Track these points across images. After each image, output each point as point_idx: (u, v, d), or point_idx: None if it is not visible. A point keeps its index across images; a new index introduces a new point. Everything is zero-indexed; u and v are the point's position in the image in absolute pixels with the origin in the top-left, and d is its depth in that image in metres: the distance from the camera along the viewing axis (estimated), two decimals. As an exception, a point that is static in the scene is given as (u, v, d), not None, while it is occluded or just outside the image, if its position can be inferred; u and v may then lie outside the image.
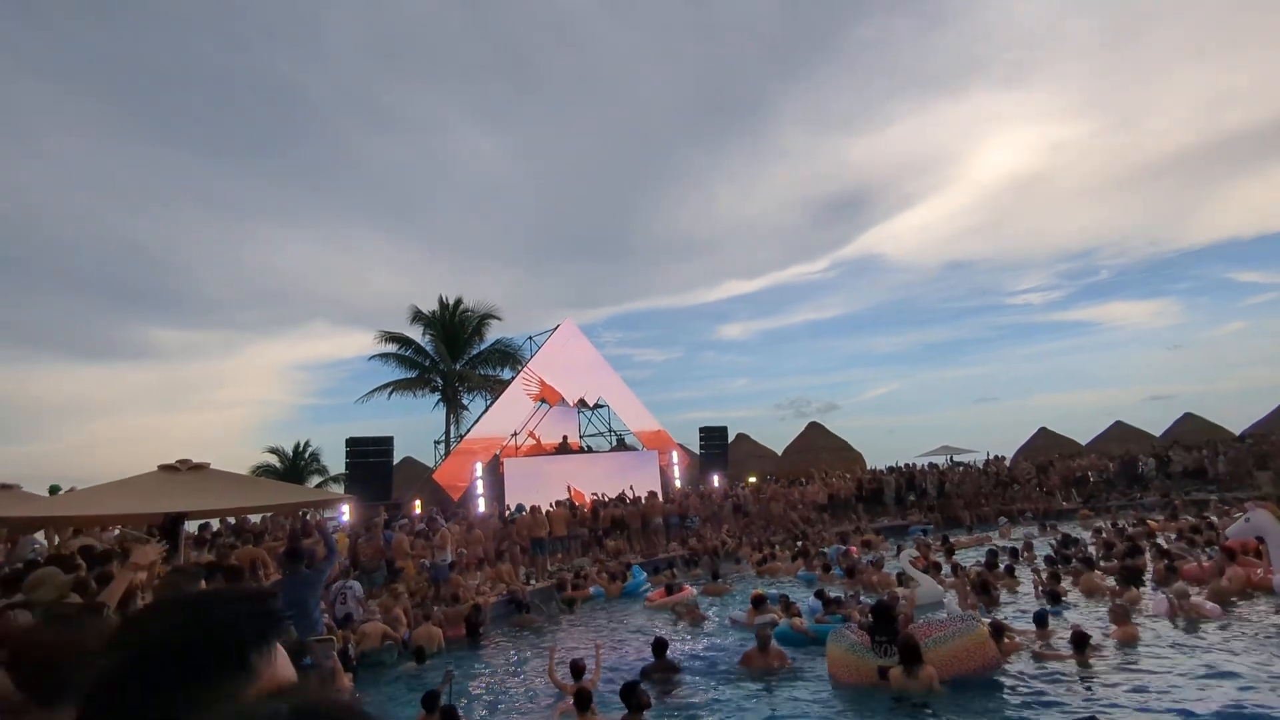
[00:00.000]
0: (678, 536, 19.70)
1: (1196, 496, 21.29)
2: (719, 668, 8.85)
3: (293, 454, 32.62)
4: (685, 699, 7.86)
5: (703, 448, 27.93)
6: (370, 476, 19.96)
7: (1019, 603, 11.21)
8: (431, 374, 27.74)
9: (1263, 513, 10.26)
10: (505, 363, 28.81)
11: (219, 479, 6.81)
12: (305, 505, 13.82)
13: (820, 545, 17.99)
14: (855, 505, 23.46)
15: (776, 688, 8.03)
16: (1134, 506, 21.09)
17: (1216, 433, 30.70)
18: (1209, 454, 24.12)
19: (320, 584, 7.43)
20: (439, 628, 11.02)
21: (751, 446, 34.73)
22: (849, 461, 31.94)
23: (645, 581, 15.36)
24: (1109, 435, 33.52)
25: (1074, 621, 9.01)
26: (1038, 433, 35.26)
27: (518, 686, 8.99)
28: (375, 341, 27.20)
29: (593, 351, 26.22)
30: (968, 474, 25.46)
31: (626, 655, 9.85)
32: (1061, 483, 24.50)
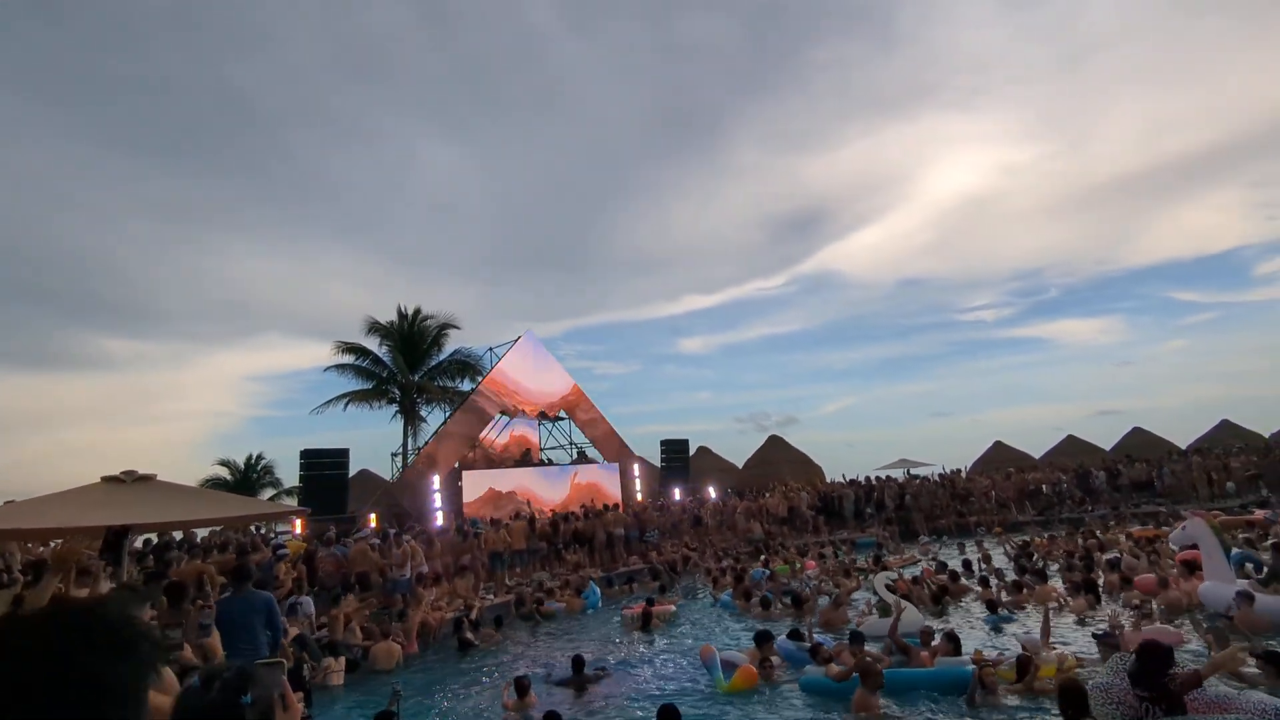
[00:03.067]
0: (637, 550, 19.59)
1: (1145, 509, 21.90)
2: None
3: (244, 466, 31.63)
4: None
5: (664, 460, 27.91)
6: (325, 489, 19.50)
7: (969, 611, 11.44)
8: (389, 385, 27.17)
9: (1198, 521, 10.55)
10: (464, 374, 28.39)
11: (166, 491, 6.52)
12: (257, 518, 13.40)
13: (784, 558, 17.92)
14: (815, 518, 23.58)
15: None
16: (1084, 519, 21.56)
17: (1164, 447, 31.74)
18: (1155, 467, 24.86)
19: (263, 610, 6.94)
20: (398, 644, 10.74)
21: (713, 459, 34.81)
22: (809, 474, 32.22)
23: (600, 597, 15.19)
24: (1061, 449, 34.42)
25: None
26: (992, 446, 36.05)
27: (465, 703, 8.78)
28: (331, 352, 26.54)
29: (554, 363, 26.06)
30: (924, 486, 25.85)
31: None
32: (1016, 495, 24.99)
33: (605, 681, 9.09)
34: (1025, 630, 9.51)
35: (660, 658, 10.30)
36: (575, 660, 9.21)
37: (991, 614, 10.67)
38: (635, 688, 8.98)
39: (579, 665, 9.12)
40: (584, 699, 8.59)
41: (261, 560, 11.37)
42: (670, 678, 9.22)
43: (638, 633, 11.90)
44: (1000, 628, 10.28)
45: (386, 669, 10.25)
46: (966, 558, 15.30)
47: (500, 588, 15.73)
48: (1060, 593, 11.23)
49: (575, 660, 9.21)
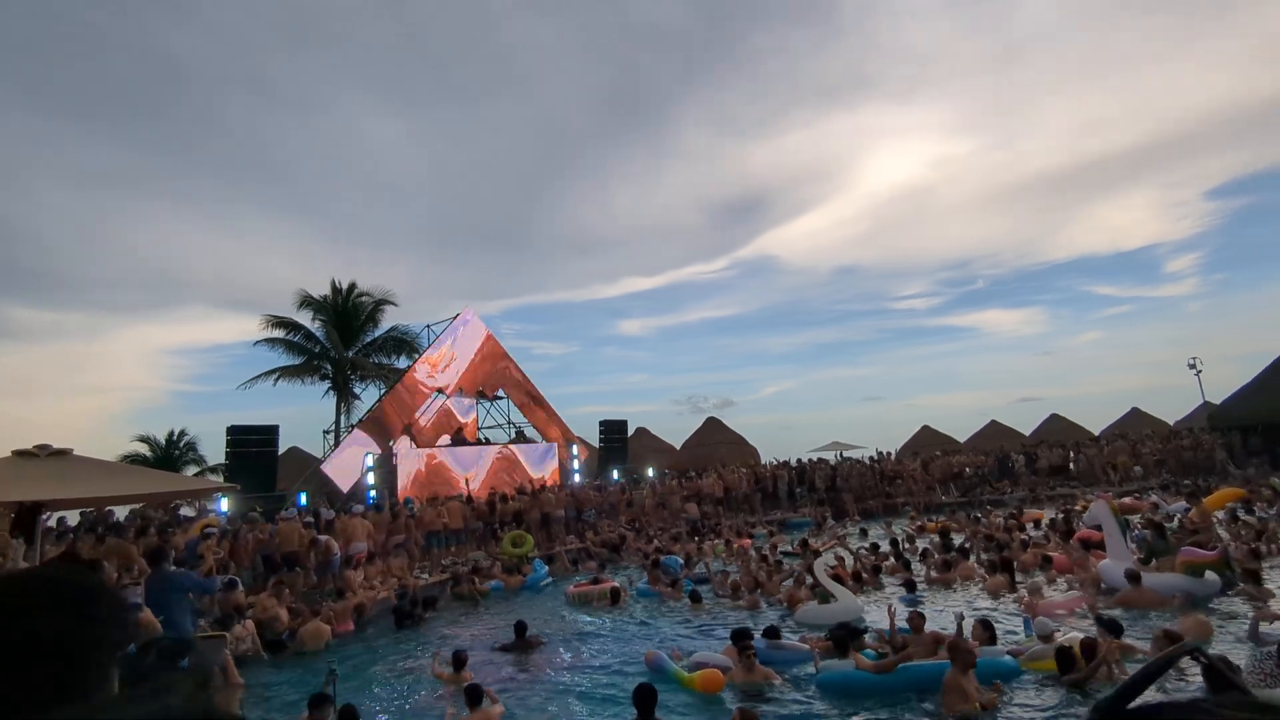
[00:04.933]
0: (575, 530, 19.65)
1: (1060, 491, 23.06)
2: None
3: (165, 443, 30.40)
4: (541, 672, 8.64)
5: (603, 441, 27.99)
6: (253, 467, 18.94)
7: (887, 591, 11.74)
8: (321, 361, 26.45)
9: (1100, 504, 11.21)
10: (401, 351, 27.84)
11: (83, 466, 6.22)
12: (179, 495, 12.93)
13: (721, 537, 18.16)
14: (751, 498, 24.04)
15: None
16: (1004, 501, 22.58)
17: (1078, 433, 33.49)
18: (1071, 452, 26.19)
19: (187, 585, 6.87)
20: (327, 624, 10.55)
21: (651, 440, 35.12)
22: (745, 456, 32.80)
23: (546, 575, 15.20)
24: (985, 433, 35.97)
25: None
26: (920, 430, 37.41)
27: (402, 683, 8.72)
28: (261, 326, 25.66)
29: (494, 342, 25.77)
30: (854, 469, 26.62)
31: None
32: (942, 478, 25.98)
33: (545, 649, 9.57)
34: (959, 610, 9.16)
35: (602, 634, 10.43)
36: (518, 625, 9.72)
37: (909, 593, 10.99)
38: (577, 657, 9.19)
39: (521, 630, 9.61)
40: (526, 664, 8.98)
41: (188, 539, 11.02)
42: (608, 653, 9.35)
43: (604, 609, 11.95)
44: (918, 605, 10.57)
45: (315, 650, 10.05)
46: (893, 536, 15.87)
47: (435, 567, 15.59)
48: (980, 572, 11.76)
49: (518, 625, 9.72)
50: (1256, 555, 10.85)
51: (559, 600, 13.23)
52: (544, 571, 15.30)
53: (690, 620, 10.71)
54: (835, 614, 9.63)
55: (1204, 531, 11.82)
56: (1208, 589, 9.45)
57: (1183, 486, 20.45)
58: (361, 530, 14.41)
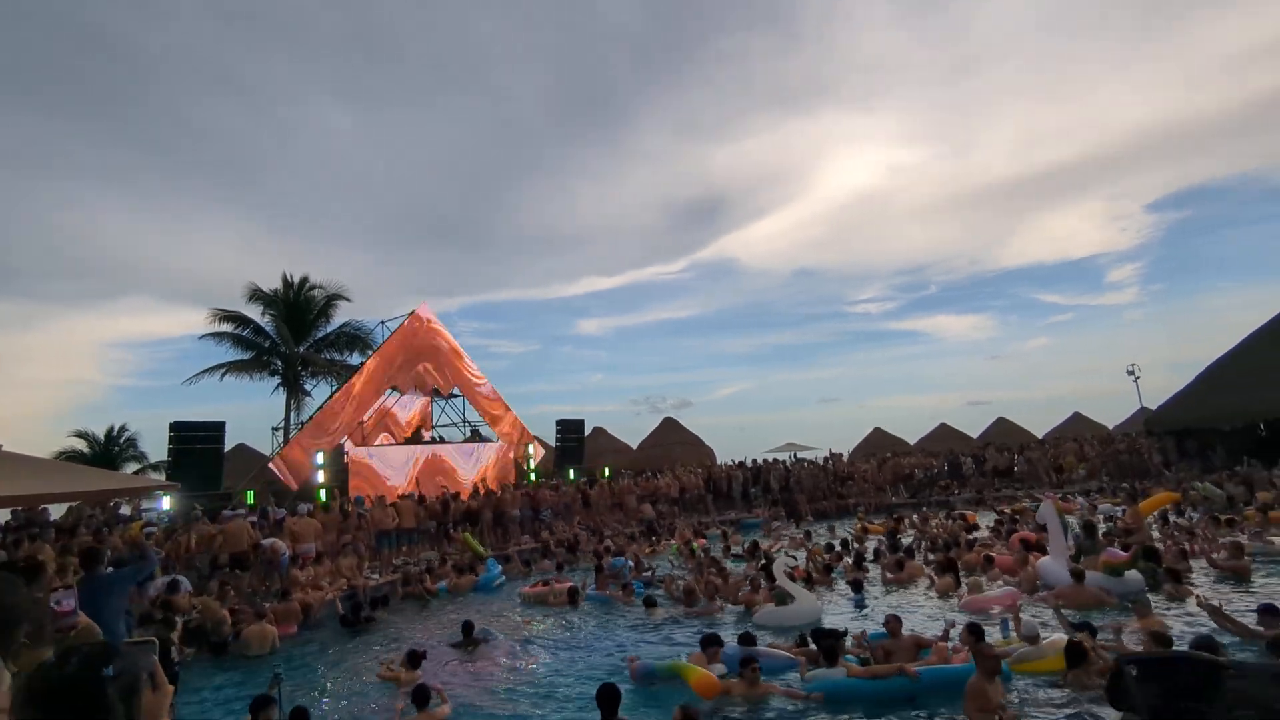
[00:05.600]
0: (530, 529, 19.55)
1: (1005, 493, 23.71)
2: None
3: (104, 439, 29.37)
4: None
5: (559, 440, 27.89)
6: (197, 464, 18.38)
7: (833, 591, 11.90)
8: (271, 356, 25.84)
9: (1046, 504, 11.57)
10: (354, 347, 27.38)
11: (14, 463, 5.98)
12: (117, 494, 12.51)
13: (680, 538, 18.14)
14: (705, 498, 24.19)
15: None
16: (952, 502, 23.12)
17: (1024, 436, 34.47)
18: (1016, 455, 26.94)
19: (124, 587, 6.67)
20: (272, 626, 10.32)
21: (608, 440, 35.12)
22: (701, 456, 33.02)
23: (499, 575, 15.08)
24: (934, 436, 36.79)
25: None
26: (872, 432, 38.12)
27: (349, 686, 8.58)
28: (207, 320, 24.95)
29: (449, 339, 25.46)
30: (807, 470, 26.99)
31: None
32: (892, 479, 26.49)
33: (492, 645, 9.66)
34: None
35: (555, 635, 10.40)
36: (465, 625, 9.90)
37: (856, 593, 11.18)
38: (528, 658, 9.17)
39: (468, 630, 9.79)
40: (474, 661, 9.13)
41: (127, 539, 10.66)
42: (563, 654, 9.33)
43: (560, 608, 11.87)
44: (865, 605, 10.78)
45: (260, 653, 9.83)
46: (840, 538, 16.16)
47: (386, 567, 15.35)
48: (928, 572, 12.04)
49: (465, 625, 9.90)
50: (1185, 556, 11.32)
51: (513, 601, 13.15)
52: (497, 571, 15.17)
53: (645, 624, 10.50)
54: (794, 616, 9.54)
55: (1137, 533, 12.27)
56: (1129, 587, 9.82)
57: (1119, 489, 21.19)
58: (311, 531, 14.15)
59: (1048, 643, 7.14)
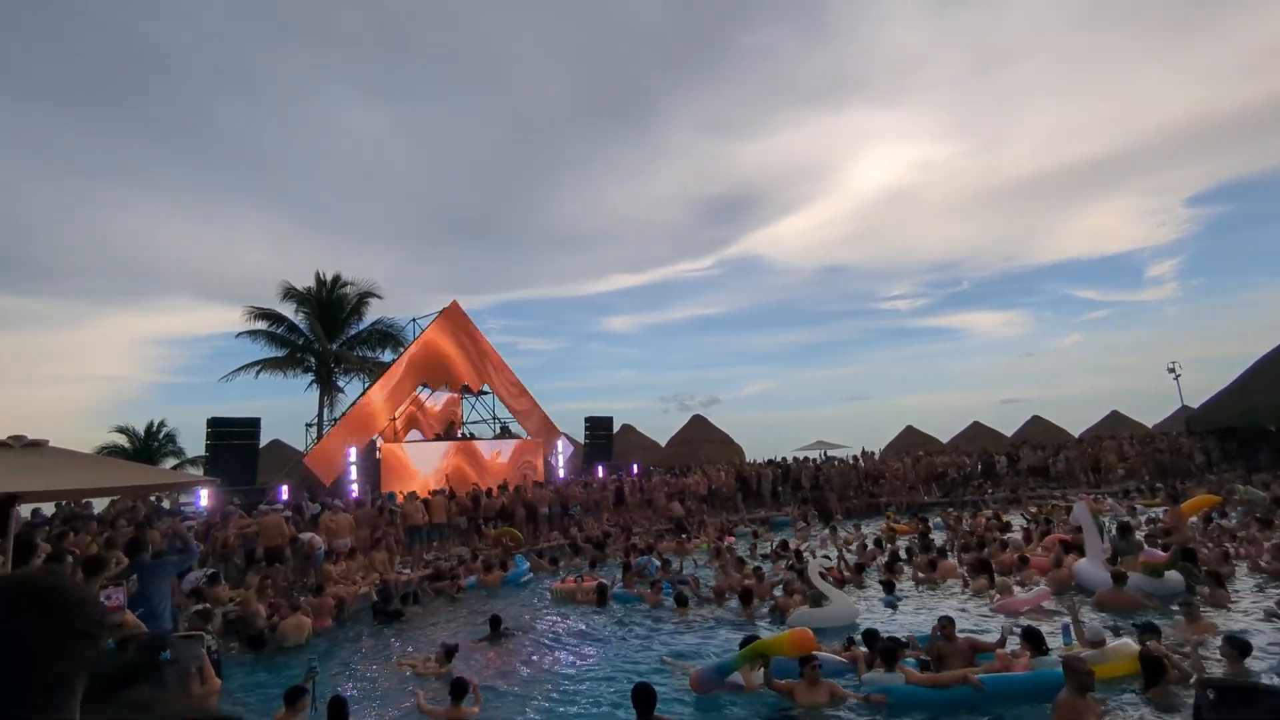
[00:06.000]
0: (560, 526, 19.61)
1: (1040, 492, 23.28)
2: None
3: (144, 434, 30.02)
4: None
5: (588, 438, 27.95)
6: (233, 459, 18.76)
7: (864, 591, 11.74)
8: (304, 353, 26.23)
9: (1081, 505, 11.35)
10: (385, 344, 27.67)
11: (59, 457, 6.12)
12: (157, 488, 12.78)
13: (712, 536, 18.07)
14: (735, 497, 24.06)
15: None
16: (985, 501, 22.76)
17: (1059, 434, 33.81)
18: (1051, 454, 26.43)
19: (166, 576, 6.91)
20: (307, 619, 10.48)
21: (636, 438, 35.12)
22: (730, 454, 32.88)
23: (528, 570, 15.13)
24: (967, 434, 36.22)
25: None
26: (904, 430, 37.64)
27: (382, 679, 8.70)
28: (243, 318, 25.39)
29: (479, 336, 25.61)
30: (838, 468, 26.74)
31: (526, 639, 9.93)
32: (925, 478, 26.15)
33: (518, 640, 9.85)
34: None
35: (585, 633, 10.42)
36: (492, 619, 10.06)
37: (888, 593, 11.03)
38: (556, 656, 9.18)
39: (495, 623, 9.96)
40: (501, 655, 9.28)
41: (168, 530, 10.91)
42: (592, 652, 9.34)
43: (590, 606, 11.84)
44: (896, 607, 10.65)
45: (296, 644, 9.99)
46: (877, 536, 15.97)
47: (418, 562, 15.50)
48: (962, 573, 11.86)
49: (492, 619, 10.06)
50: (1228, 558, 11.03)
51: (541, 597, 13.21)
52: (525, 567, 15.24)
53: (676, 625, 10.35)
54: (830, 617, 9.33)
55: (1177, 534, 11.98)
56: (1169, 589, 9.58)
57: (1159, 489, 20.70)
58: (346, 526, 14.35)
59: (1112, 647, 6.84)
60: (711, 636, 9.59)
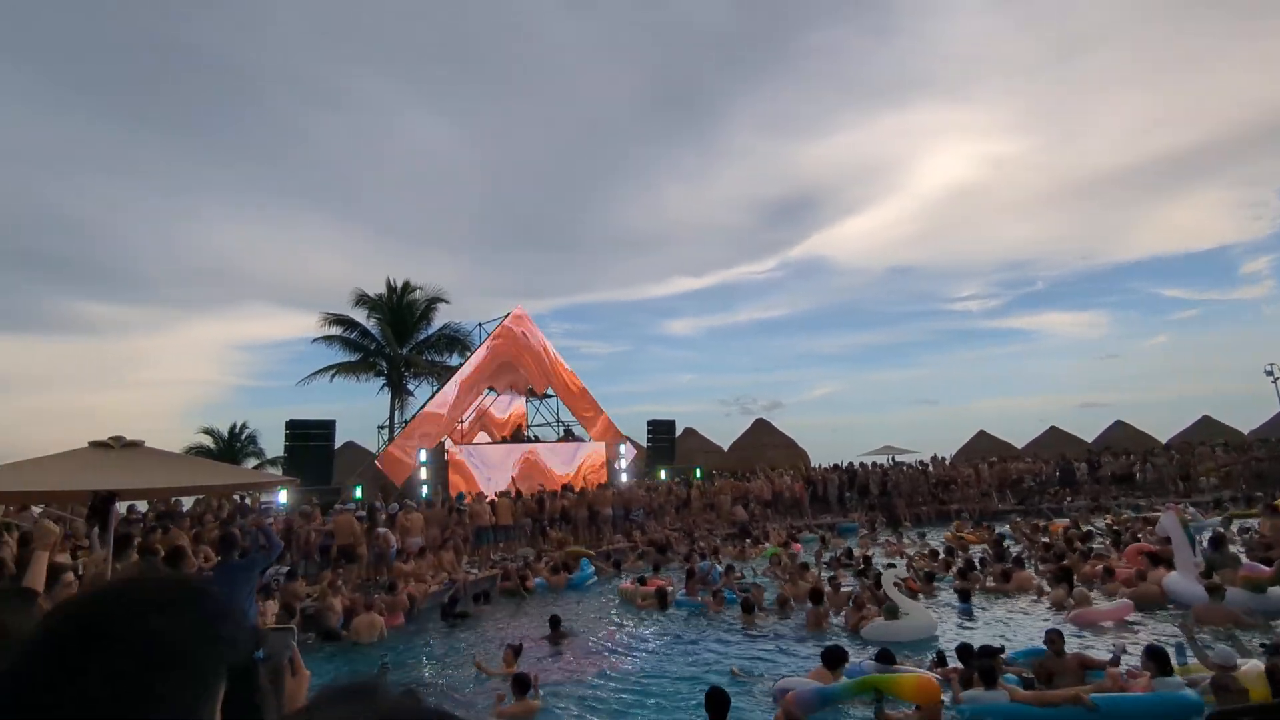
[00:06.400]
0: (622, 529, 19.70)
1: (1124, 502, 22.20)
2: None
3: (228, 435, 31.52)
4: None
5: (650, 441, 27.99)
6: (310, 460, 19.46)
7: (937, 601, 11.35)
8: (376, 358, 27.11)
9: (1170, 515, 10.77)
10: (453, 348, 28.35)
11: (153, 457, 6.48)
12: (242, 487, 13.37)
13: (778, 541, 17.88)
14: (800, 502, 23.71)
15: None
16: (1064, 510, 21.84)
17: (1145, 441, 32.17)
18: (1137, 461, 25.17)
19: (254, 573, 7.19)
20: (380, 616, 10.79)
21: (699, 441, 34.95)
22: (794, 458, 32.43)
23: (593, 574, 15.23)
24: (1044, 440, 34.77)
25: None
26: (976, 435, 36.37)
27: (451, 674, 8.91)
28: (318, 324, 26.44)
29: (543, 340, 25.99)
30: (907, 474, 26.07)
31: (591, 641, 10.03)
32: (999, 484, 25.26)
33: (579, 640, 10.01)
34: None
35: (646, 638, 10.43)
36: (552, 619, 10.27)
37: (964, 603, 10.63)
38: (612, 660, 9.22)
39: (555, 623, 10.17)
40: (561, 655, 9.46)
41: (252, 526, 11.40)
42: (651, 656, 9.35)
43: (642, 610, 11.90)
44: (973, 616, 10.30)
45: (369, 641, 10.30)
46: (950, 546, 15.49)
47: (485, 562, 15.80)
48: (1039, 582, 11.41)
49: (552, 619, 10.27)
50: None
51: (606, 599, 13.30)
52: (590, 570, 15.35)
53: (743, 633, 10.12)
54: (906, 630, 9.00)
55: (1277, 547, 11.27)
56: (1274, 605, 9.00)
57: (1257, 499, 19.49)
58: (419, 525, 14.74)
59: (1240, 671, 6.12)
60: (784, 648, 9.32)
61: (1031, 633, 9.15)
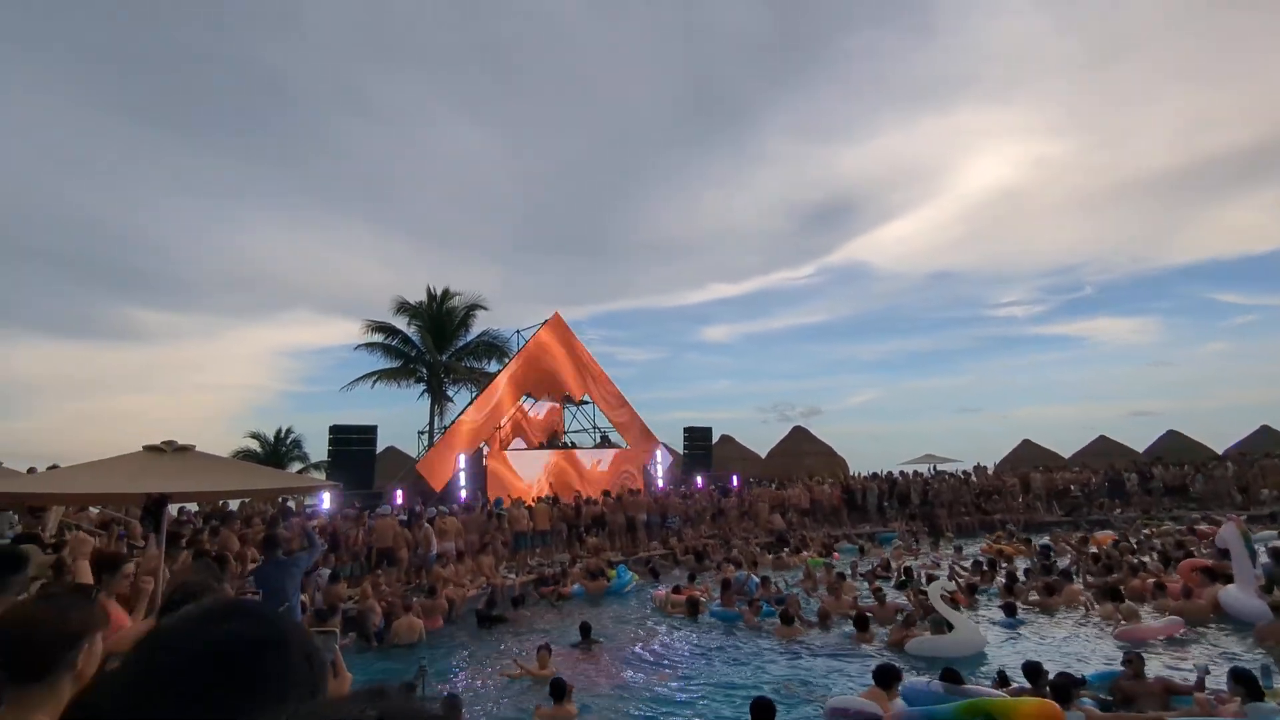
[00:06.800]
0: (658, 536, 19.67)
1: (1178, 514, 21.49)
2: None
3: (274, 440, 32.31)
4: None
5: (687, 448, 27.93)
6: (352, 465, 19.84)
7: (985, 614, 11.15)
8: (417, 365, 27.56)
9: (1230, 527, 10.41)
10: (491, 355, 28.67)
11: (203, 461, 6.70)
12: (287, 491, 13.70)
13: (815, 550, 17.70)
14: (839, 511, 23.42)
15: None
16: (1112, 521, 21.23)
17: (1199, 451, 31.11)
18: (1190, 472, 24.36)
19: (299, 572, 7.40)
20: (419, 619, 10.95)
21: (735, 448, 34.81)
22: (833, 466, 32.09)
23: (630, 580, 15.22)
24: (1092, 449, 33.88)
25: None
26: (1021, 444, 35.59)
27: (487, 680, 8.98)
28: (361, 331, 27.01)
29: (580, 346, 26.10)
30: (948, 483, 25.58)
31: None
32: (1045, 495, 24.65)
33: (609, 647, 10.14)
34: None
35: (678, 646, 10.42)
36: (583, 625, 10.42)
37: (1009, 617, 10.40)
38: (642, 663, 9.35)
39: (586, 630, 10.31)
40: (592, 661, 9.62)
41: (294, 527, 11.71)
42: (682, 665, 9.33)
43: (673, 618, 11.91)
44: (1019, 632, 10.05)
45: (409, 644, 10.46)
46: (992, 558, 15.14)
47: (522, 568, 15.92)
48: (1086, 597, 11.11)
49: (583, 625, 10.42)
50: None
51: (642, 607, 13.31)
52: (628, 577, 15.35)
53: (782, 646, 9.97)
54: (954, 646, 8.67)
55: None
56: None
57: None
58: (454, 530, 14.92)
59: None
60: (827, 663, 9.08)
61: (1081, 649, 8.92)
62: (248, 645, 0.72)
